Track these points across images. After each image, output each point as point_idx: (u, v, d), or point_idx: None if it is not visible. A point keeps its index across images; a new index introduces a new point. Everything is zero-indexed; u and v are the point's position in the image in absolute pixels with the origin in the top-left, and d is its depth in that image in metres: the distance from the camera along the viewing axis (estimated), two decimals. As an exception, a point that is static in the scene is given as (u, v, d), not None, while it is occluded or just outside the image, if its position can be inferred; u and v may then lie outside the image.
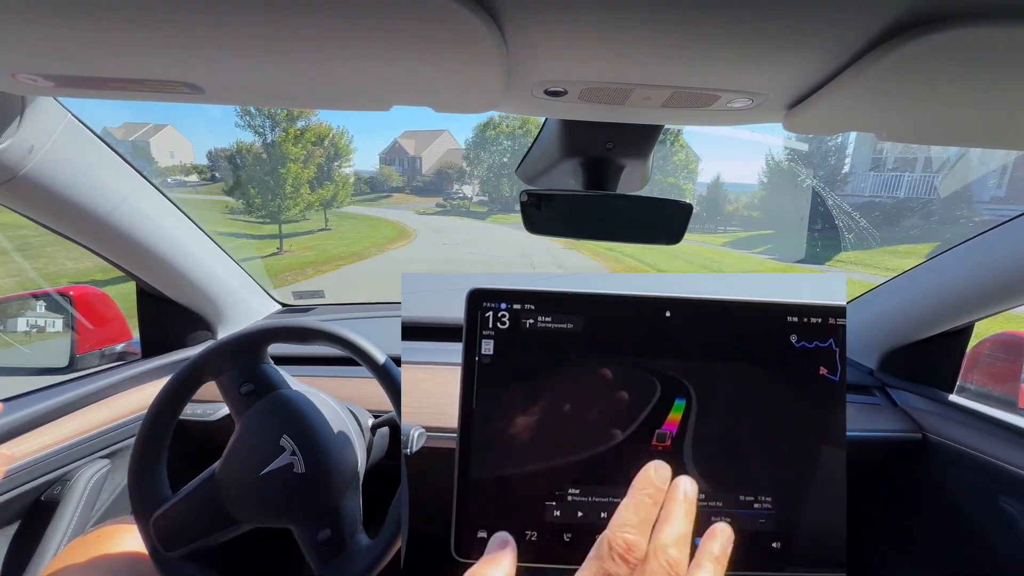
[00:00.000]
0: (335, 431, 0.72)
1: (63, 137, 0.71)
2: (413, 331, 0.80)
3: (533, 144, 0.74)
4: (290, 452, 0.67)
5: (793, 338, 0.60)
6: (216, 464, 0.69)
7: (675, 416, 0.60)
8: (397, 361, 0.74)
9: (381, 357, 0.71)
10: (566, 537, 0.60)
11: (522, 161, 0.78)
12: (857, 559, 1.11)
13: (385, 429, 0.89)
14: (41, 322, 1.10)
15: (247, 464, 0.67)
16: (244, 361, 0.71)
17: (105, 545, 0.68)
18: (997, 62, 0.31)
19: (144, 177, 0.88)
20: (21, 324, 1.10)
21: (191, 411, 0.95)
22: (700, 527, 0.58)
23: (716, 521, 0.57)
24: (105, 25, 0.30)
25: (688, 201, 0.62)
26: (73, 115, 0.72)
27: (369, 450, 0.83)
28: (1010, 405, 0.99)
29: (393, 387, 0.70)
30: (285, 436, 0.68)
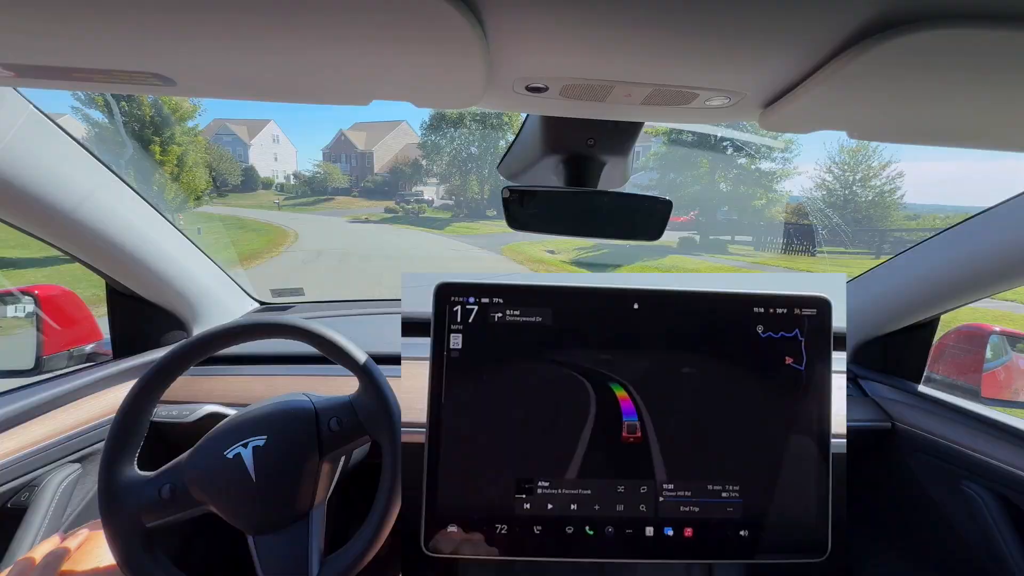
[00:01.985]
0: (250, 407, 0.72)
1: (24, 130, 0.68)
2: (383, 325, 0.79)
3: (515, 140, 0.74)
4: (240, 445, 0.66)
5: (759, 328, 0.61)
6: (250, 539, 0.66)
7: (642, 407, 0.61)
8: (396, 359, 0.73)
9: (361, 356, 0.71)
10: (536, 529, 0.60)
11: (504, 157, 0.78)
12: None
13: None
14: (4, 322, 1.06)
15: (245, 489, 0.65)
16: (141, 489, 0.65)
17: (76, 552, 0.65)
18: (968, 64, 0.32)
19: (113, 172, 0.85)
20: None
21: (166, 412, 0.93)
22: (668, 517, 0.59)
23: (685, 511, 0.58)
24: (70, 12, 0.29)
25: (667, 198, 0.63)
26: (35, 107, 0.69)
27: (348, 458, 0.82)
28: (973, 394, 1.03)
29: (373, 384, 0.70)
30: (223, 453, 0.66)
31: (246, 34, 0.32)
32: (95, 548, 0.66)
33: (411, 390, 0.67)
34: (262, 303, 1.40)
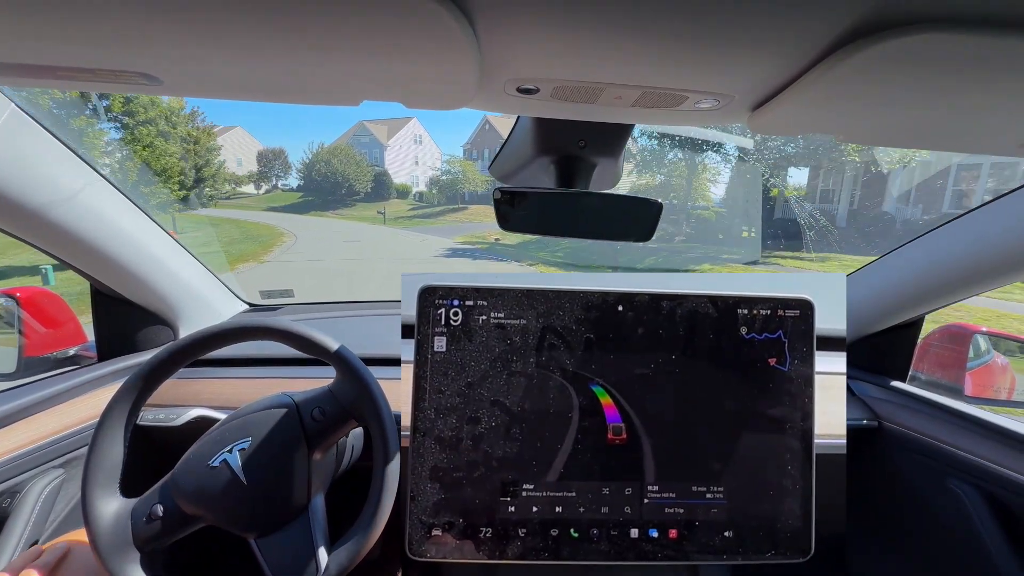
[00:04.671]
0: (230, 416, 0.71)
1: (5, 129, 0.66)
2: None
3: (506, 141, 0.74)
4: (225, 451, 0.65)
5: (743, 330, 0.61)
6: (252, 544, 0.66)
7: (627, 409, 0.61)
8: (393, 361, 0.72)
9: (334, 345, 0.69)
10: (521, 532, 0.60)
11: (495, 158, 0.78)
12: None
13: (359, 430, 0.87)
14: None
15: (238, 493, 0.64)
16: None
17: (57, 570, 0.64)
18: (953, 68, 0.32)
19: (99, 173, 0.84)
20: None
21: (152, 416, 0.91)
22: (653, 519, 0.59)
23: (669, 512, 0.59)
24: (55, 11, 0.29)
25: (658, 200, 0.64)
26: (17, 105, 0.68)
27: (342, 454, 0.82)
28: (957, 392, 1.05)
29: (348, 368, 0.69)
30: (207, 463, 0.66)
31: (233, 34, 0.31)
32: (79, 568, 0.64)
33: (411, 392, 0.66)
34: (251, 305, 1.39)
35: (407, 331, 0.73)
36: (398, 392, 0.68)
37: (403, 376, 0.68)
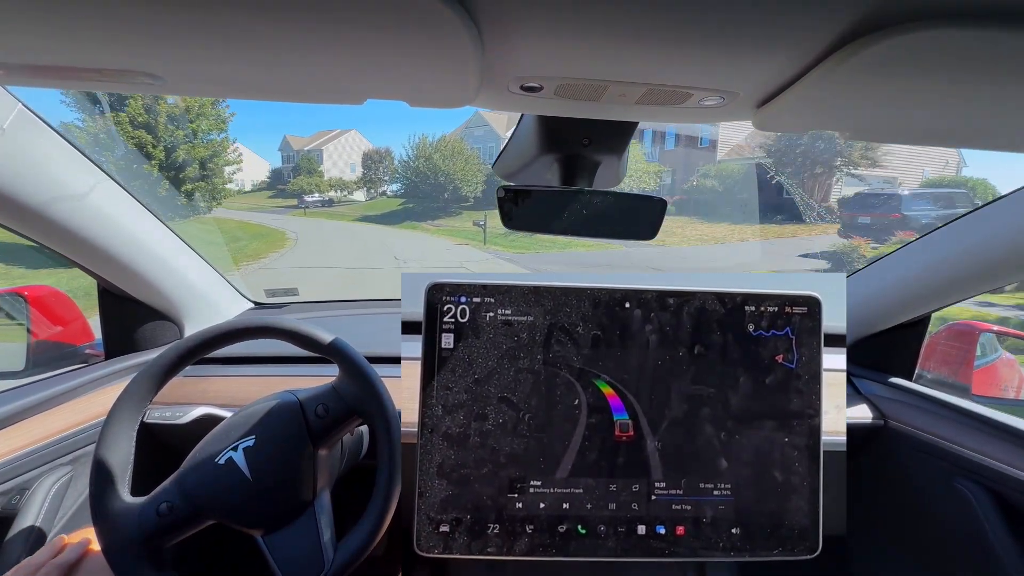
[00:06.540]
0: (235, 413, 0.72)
1: (12, 129, 0.67)
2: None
3: (510, 140, 0.74)
4: (230, 449, 0.66)
5: (751, 327, 0.61)
6: (259, 541, 0.66)
7: (634, 406, 0.61)
8: (395, 360, 0.72)
9: (337, 342, 0.70)
10: (528, 528, 0.61)
11: (499, 157, 0.78)
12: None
13: (363, 428, 0.87)
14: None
15: (244, 490, 0.65)
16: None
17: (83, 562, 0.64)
18: (958, 64, 0.32)
19: (105, 172, 0.84)
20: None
21: (159, 414, 0.92)
22: (661, 516, 0.60)
23: (676, 509, 0.59)
24: (60, 12, 0.29)
25: (663, 198, 0.63)
26: (24, 105, 0.68)
27: (347, 450, 0.82)
28: (963, 391, 1.04)
29: (350, 364, 0.69)
30: (214, 461, 0.66)
31: (237, 33, 0.31)
32: (98, 565, 0.64)
33: (411, 389, 0.67)
34: (256, 303, 1.39)
35: (407, 328, 0.73)
36: (399, 389, 0.69)
37: (403, 373, 0.68)
